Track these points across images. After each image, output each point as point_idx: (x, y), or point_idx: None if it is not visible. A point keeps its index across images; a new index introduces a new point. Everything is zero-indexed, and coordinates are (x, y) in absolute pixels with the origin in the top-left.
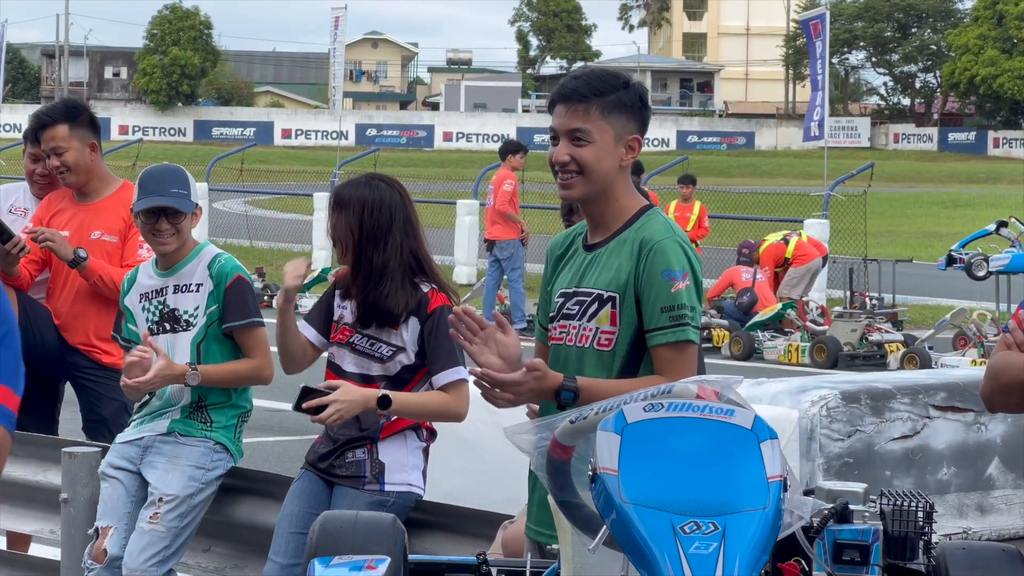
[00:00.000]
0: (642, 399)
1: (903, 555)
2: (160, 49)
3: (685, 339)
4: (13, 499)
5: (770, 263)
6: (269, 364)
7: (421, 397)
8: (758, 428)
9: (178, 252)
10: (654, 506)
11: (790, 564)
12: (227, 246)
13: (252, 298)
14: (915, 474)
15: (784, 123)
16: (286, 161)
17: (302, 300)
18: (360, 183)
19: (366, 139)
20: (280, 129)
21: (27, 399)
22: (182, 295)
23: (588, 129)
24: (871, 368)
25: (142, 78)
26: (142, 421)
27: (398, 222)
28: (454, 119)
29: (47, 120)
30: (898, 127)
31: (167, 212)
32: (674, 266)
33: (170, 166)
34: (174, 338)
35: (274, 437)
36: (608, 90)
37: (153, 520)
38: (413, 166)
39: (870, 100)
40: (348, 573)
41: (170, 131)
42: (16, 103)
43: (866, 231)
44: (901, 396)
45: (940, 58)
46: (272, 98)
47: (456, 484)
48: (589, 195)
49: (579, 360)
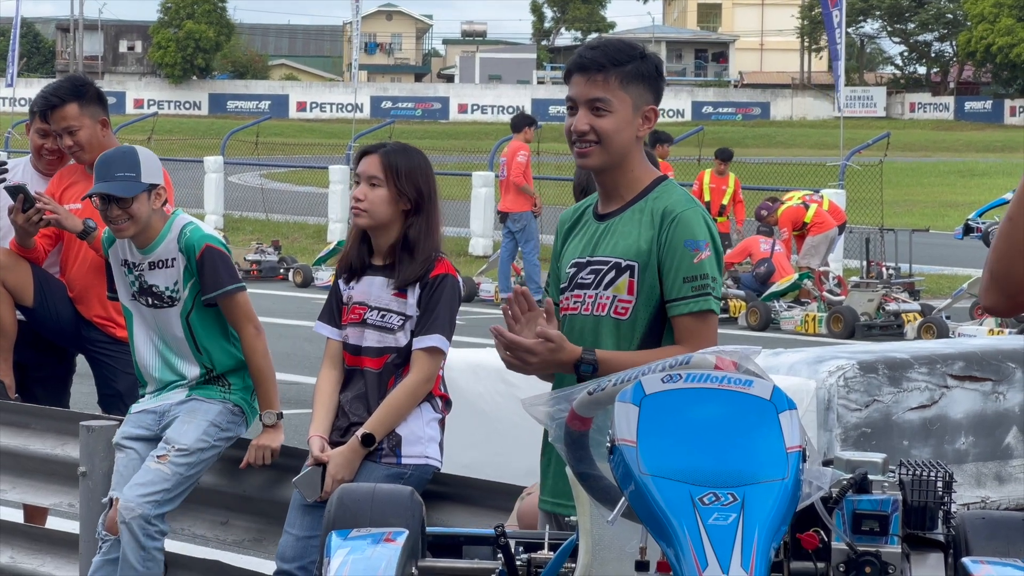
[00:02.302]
0: (660, 370)
1: (922, 525)
2: (175, 23)
3: (707, 309)
4: (31, 472)
5: (788, 225)
6: (251, 331)
7: (389, 404)
8: (777, 399)
9: (147, 232)
10: (673, 477)
11: (809, 535)
12: (243, 219)
13: (223, 266)
14: (933, 444)
15: (799, 93)
16: (301, 134)
17: (318, 273)
18: (409, 151)
19: (381, 111)
20: (295, 102)
21: (41, 372)
22: (157, 271)
23: (608, 98)
24: (888, 338)
25: (157, 52)
26: (157, 393)
27: (435, 191)
28: (469, 91)
29: (56, 101)
30: (914, 96)
31: (114, 198)
32: (697, 236)
33: (122, 148)
34: (162, 313)
35: (291, 410)
36: (626, 60)
37: (161, 460)
38: (428, 138)
39: (886, 70)
40: (366, 545)
41: (185, 105)
42: (31, 77)
43: (882, 201)
44: (918, 366)
45: (956, 27)
46: (287, 71)
47: (474, 457)
48: (606, 165)
49: (595, 329)
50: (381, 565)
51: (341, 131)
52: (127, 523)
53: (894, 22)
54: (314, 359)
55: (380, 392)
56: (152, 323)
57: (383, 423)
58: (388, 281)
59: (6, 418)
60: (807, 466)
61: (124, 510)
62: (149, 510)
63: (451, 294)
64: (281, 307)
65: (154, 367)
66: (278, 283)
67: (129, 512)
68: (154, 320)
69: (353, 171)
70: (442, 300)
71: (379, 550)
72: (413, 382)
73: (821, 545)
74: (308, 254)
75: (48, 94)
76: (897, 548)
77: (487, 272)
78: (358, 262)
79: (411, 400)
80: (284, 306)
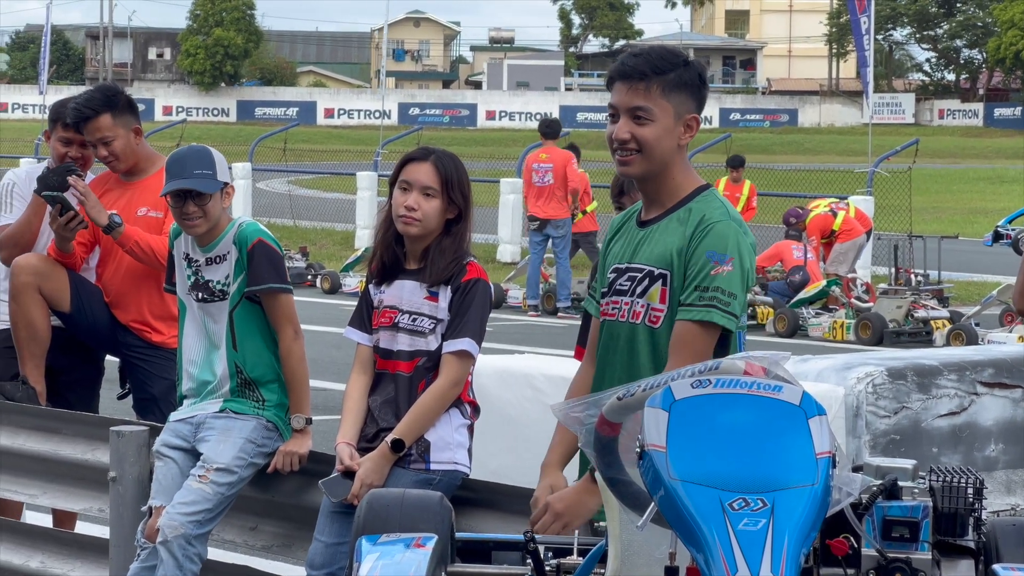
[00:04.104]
0: (689, 375)
1: (953, 531)
2: (203, 30)
3: (707, 320)
4: (62, 477)
5: (817, 233)
6: (290, 333)
7: (418, 408)
8: (806, 404)
9: (212, 232)
10: (702, 483)
11: (839, 541)
12: (271, 226)
13: (270, 263)
14: (962, 451)
15: (827, 100)
16: (329, 140)
17: (345, 280)
18: (454, 158)
19: (409, 118)
20: (323, 109)
21: (71, 376)
22: (214, 266)
23: (650, 107)
24: (917, 345)
25: (185, 59)
26: (194, 401)
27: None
28: (497, 98)
29: (90, 112)
30: (943, 103)
31: (192, 194)
32: (722, 249)
33: (194, 147)
34: (211, 307)
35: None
36: (668, 68)
37: (202, 480)
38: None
39: (914, 76)
40: (396, 550)
41: (213, 111)
42: (60, 84)
43: (911, 207)
44: (948, 373)
45: (986, 33)
46: (315, 78)
47: (502, 462)
48: (647, 173)
49: (631, 336)
50: (411, 570)
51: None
52: (168, 542)
53: (923, 29)
54: (342, 365)
55: (410, 396)
56: (200, 318)
57: (412, 428)
58: (419, 285)
59: (36, 423)
60: (837, 472)
61: (167, 528)
62: (191, 529)
63: (482, 299)
64: (308, 313)
65: (196, 363)
66: (306, 289)
67: (172, 531)
68: (202, 315)
69: (389, 177)
70: (473, 304)
71: (409, 555)
72: (442, 385)
73: (851, 551)
74: (336, 260)
75: (81, 106)
76: (927, 555)
77: (515, 279)
78: (391, 265)
79: (440, 404)
80: (311, 312)
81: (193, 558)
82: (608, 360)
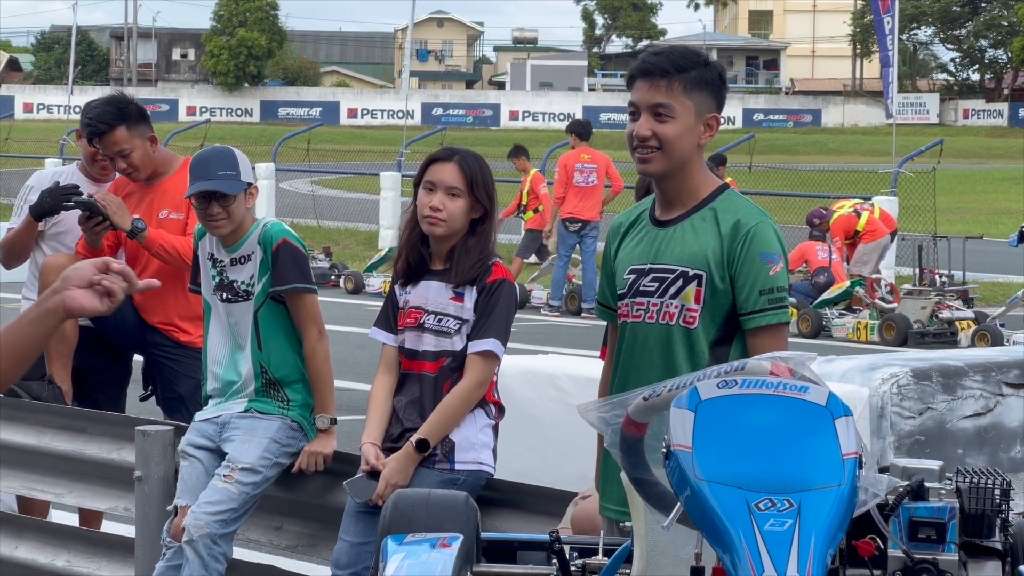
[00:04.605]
0: (715, 375)
1: (980, 533)
2: (227, 30)
3: (784, 321)
4: (88, 476)
5: (840, 234)
6: (314, 334)
7: (443, 408)
8: (832, 405)
9: (237, 232)
10: (729, 483)
11: (865, 542)
12: (294, 226)
13: (295, 263)
14: (988, 452)
15: (851, 100)
16: (352, 141)
17: (369, 280)
18: (479, 158)
19: (432, 118)
20: (346, 109)
21: (99, 376)
22: (239, 266)
23: (671, 104)
24: (941, 346)
25: (209, 59)
26: (219, 401)
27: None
28: (520, 98)
29: (104, 128)
30: (967, 103)
31: (216, 196)
32: (772, 249)
33: (218, 148)
34: (236, 308)
35: (343, 416)
36: (690, 66)
37: (227, 480)
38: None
39: (939, 76)
40: (421, 550)
41: (237, 112)
42: (85, 85)
43: (935, 208)
44: (973, 373)
45: (1010, 33)
46: (338, 78)
47: (526, 462)
48: (667, 171)
49: (665, 337)
50: (436, 569)
51: (392, 138)
52: (193, 541)
53: (947, 28)
54: (366, 365)
55: (435, 396)
56: (225, 318)
57: (437, 428)
58: (445, 285)
59: (63, 423)
60: (863, 473)
61: (192, 527)
62: (217, 529)
63: (508, 300)
64: (332, 313)
65: (220, 363)
66: (329, 289)
67: (198, 530)
68: (227, 315)
69: (414, 178)
70: (499, 305)
71: (434, 555)
72: (467, 386)
73: (877, 552)
74: (359, 260)
75: (95, 121)
76: (954, 556)
77: (539, 279)
78: (416, 266)
79: (465, 404)
80: (335, 312)
81: (218, 557)
82: (633, 362)
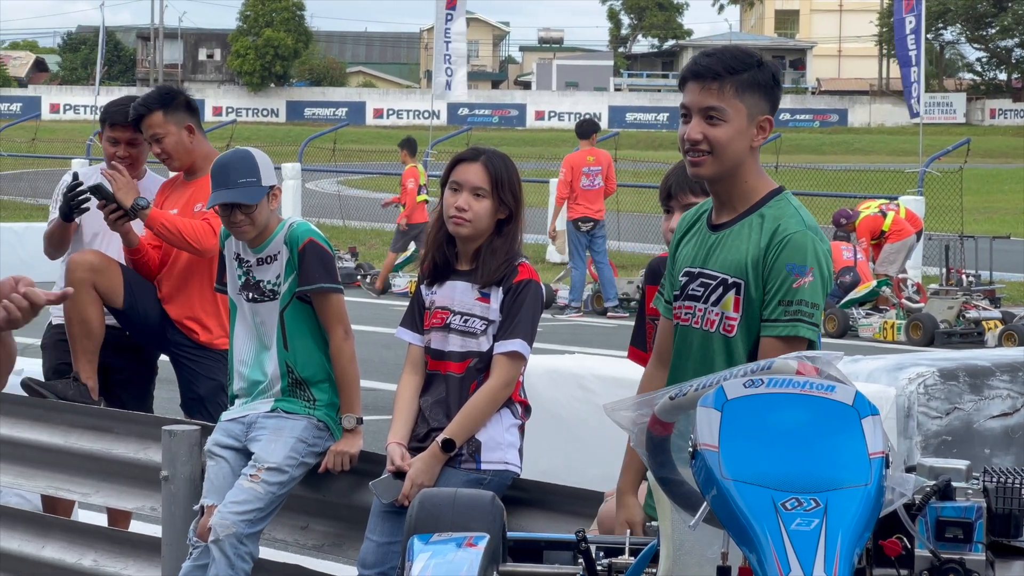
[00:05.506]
0: (742, 375)
1: (1007, 532)
2: (253, 31)
3: (795, 335)
4: (115, 476)
5: (866, 235)
6: (340, 334)
7: (469, 408)
8: (859, 404)
9: (262, 233)
10: (755, 482)
11: (892, 541)
12: (320, 226)
13: (321, 263)
14: (1015, 452)
15: (878, 100)
16: (378, 141)
17: (394, 280)
18: (505, 159)
19: (458, 118)
20: (372, 109)
21: (124, 375)
22: (265, 266)
23: (723, 108)
24: (968, 346)
25: (235, 60)
26: (246, 401)
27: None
28: (546, 98)
29: (143, 110)
30: (994, 102)
31: (238, 204)
32: (802, 261)
33: (238, 152)
34: (262, 307)
35: (369, 416)
36: (742, 68)
37: (254, 479)
38: (505, 145)
39: (965, 76)
40: (448, 549)
41: (263, 112)
42: (111, 85)
43: (962, 207)
44: (1000, 373)
45: None
46: (364, 78)
47: (552, 462)
48: (718, 175)
49: (706, 343)
50: (463, 569)
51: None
52: (220, 541)
53: (974, 28)
54: (392, 365)
55: (461, 396)
56: (250, 318)
57: (463, 428)
58: (471, 286)
59: (90, 422)
60: (890, 472)
61: (219, 527)
62: (243, 528)
63: (534, 300)
64: (358, 313)
65: (247, 363)
66: (355, 289)
67: (224, 529)
68: (252, 315)
69: (440, 178)
70: (525, 305)
71: (461, 554)
72: (493, 386)
73: (904, 552)
74: None
75: (137, 104)
76: (981, 555)
77: (564, 279)
78: (442, 266)
79: (491, 405)
80: (361, 312)
81: (245, 557)
82: (680, 365)
